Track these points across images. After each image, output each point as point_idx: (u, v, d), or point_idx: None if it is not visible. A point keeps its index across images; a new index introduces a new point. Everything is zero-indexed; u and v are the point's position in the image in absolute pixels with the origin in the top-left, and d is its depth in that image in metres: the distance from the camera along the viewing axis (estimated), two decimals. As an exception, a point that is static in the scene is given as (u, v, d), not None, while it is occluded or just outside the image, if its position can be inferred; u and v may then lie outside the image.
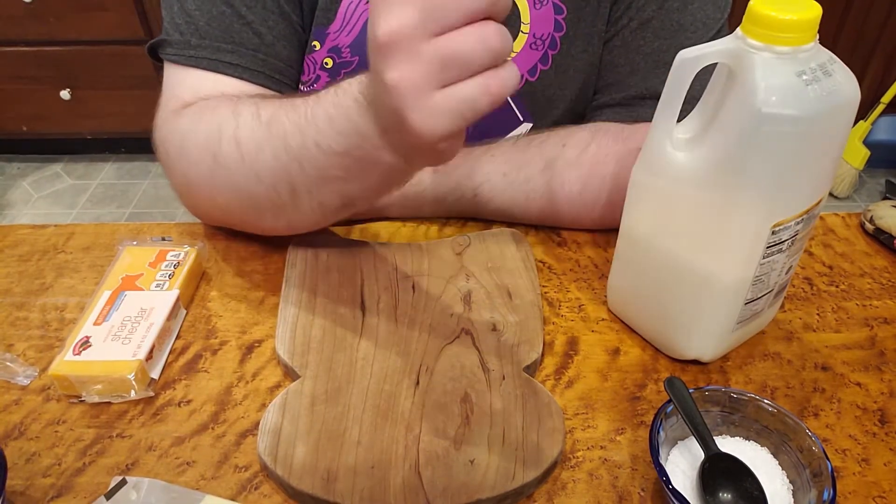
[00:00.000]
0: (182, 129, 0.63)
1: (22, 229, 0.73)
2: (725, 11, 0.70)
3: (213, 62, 0.66)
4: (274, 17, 0.67)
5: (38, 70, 2.06)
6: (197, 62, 0.66)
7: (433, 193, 0.71)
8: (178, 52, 0.66)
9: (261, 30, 0.67)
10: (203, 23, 0.66)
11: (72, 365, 0.55)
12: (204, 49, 0.66)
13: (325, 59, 0.72)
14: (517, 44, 0.72)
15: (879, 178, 2.27)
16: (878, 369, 0.60)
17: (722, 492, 0.47)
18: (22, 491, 0.49)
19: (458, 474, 0.49)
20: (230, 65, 0.66)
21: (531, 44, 0.72)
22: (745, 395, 0.51)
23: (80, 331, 0.57)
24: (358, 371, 0.56)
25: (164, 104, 0.67)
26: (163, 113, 0.66)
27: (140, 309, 0.60)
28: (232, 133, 0.58)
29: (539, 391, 0.54)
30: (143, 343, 0.56)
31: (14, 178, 2.29)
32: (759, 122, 0.46)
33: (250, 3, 0.66)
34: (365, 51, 0.64)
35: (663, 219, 0.55)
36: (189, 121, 0.63)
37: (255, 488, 0.50)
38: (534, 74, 0.73)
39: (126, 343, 0.56)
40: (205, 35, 0.66)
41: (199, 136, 0.61)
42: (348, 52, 0.71)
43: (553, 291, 0.66)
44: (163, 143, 0.65)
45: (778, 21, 0.45)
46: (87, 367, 0.55)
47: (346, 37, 0.71)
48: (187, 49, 0.66)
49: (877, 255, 0.72)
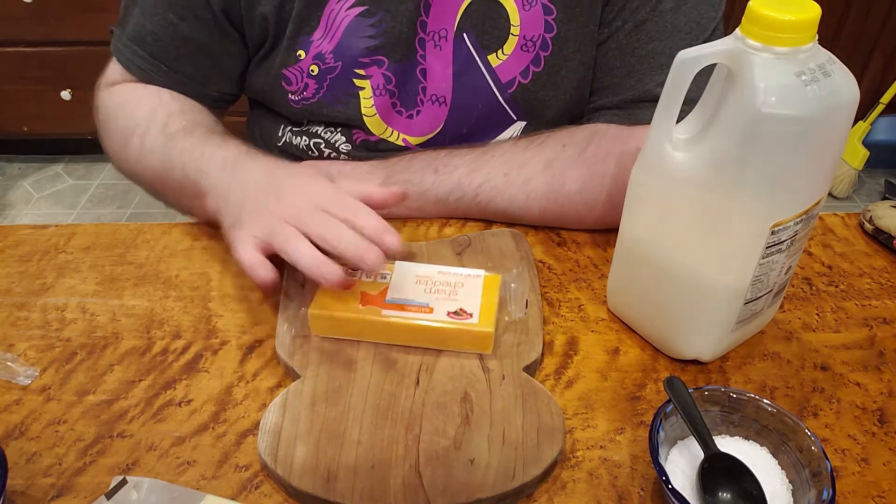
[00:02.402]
0: (108, 107, 0.76)
1: (23, 229, 0.73)
2: (720, 10, 0.70)
3: (146, 73, 0.74)
4: (216, 36, 0.73)
5: (38, 70, 2.06)
6: (132, 68, 0.74)
7: (435, 194, 0.71)
8: (120, 52, 0.74)
9: (208, 46, 0.73)
10: (150, 39, 0.72)
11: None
12: (142, 59, 0.73)
13: (311, 67, 0.72)
14: (508, 46, 0.72)
15: (879, 179, 2.27)
16: (878, 369, 0.60)
17: (721, 491, 0.47)
18: (23, 491, 0.49)
19: (458, 474, 0.49)
20: (162, 81, 0.74)
21: (522, 46, 0.72)
22: (745, 394, 0.51)
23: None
24: (358, 371, 0.56)
25: (105, 75, 0.78)
26: (101, 82, 0.78)
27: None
28: (142, 133, 0.70)
29: (539, 391, 0.54)
30: None
31: (15, 178, 2.29)
32: (759, 122, 0.46)
33: (194, 23, 0.71)
34: (347, 55, 0.72)
35: (663, 219, 0.55)
36: (115, 102, 0.75)
37: (255, 488, 0.50)
38: (526, 76, 0.73)
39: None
40: (148, 50, 0.73)
41: (119, 121, 0.73)
42: (332, 58, 0.72)
43: (553, 291, 0.66)
44: (96, 109, 0.77)
45: (777, 21, 0.45)
46: None
47: (328, 43, 0.71)
48: (128, 53, 0.74)
49: (876, 255, 0.72)
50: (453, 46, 0.72)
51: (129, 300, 0.65)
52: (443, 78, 0.73)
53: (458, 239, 0.69)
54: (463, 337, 0.57)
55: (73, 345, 0.60)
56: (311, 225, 0.55)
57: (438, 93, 0.74)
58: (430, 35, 0.71)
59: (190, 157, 0.66)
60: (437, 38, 0.71)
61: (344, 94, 0.73)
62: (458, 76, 0.73)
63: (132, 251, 0.70)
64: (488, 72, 0.73)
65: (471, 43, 0.71)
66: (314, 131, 0.78)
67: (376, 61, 0.72)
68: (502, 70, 0.73)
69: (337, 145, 0.77)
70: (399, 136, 0.76)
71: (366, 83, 0.73)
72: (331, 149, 0.78)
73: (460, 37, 0.71)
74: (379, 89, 0.73)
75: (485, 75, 0.73)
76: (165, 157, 0.68)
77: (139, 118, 0.71)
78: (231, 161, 0.64)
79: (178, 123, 0.69)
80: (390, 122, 0.75)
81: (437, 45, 0.71)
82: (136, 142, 0.71)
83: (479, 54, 0.72)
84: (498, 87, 0.74)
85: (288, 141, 0.80)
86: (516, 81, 0.73)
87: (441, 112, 0.75)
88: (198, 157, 0.65)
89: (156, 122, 0.70)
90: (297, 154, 0.80)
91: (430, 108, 0.75)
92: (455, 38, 0.71)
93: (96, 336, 0.61)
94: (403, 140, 0.76)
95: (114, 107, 0.75)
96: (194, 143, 0.67)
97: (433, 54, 0.72)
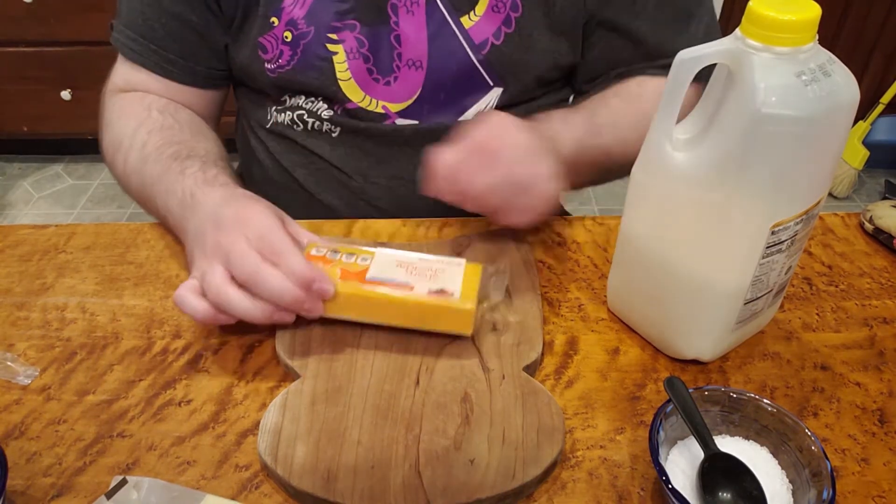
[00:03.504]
0: (108, 116, 0.77)
1: (23, 229, 0.73)
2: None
3: (139, 56, 0.76)
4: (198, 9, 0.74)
5: (38, 70, 2.06)
6: (129, 55, 0.77)
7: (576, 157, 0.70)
8: (116, 39, 0.77)
9: (191, 19, 0.75)
10: (140, 20, 0.75)
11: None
12: (134, 42, 0.76)
13: (285, 33, 0.73)
14: (479, 7, 0.73)
15: (879, 178, 2.27)
16: (878, 369, 0.60)
17: (721, 491, 0.47)
18: (23, 491, 0.49)
19: (458, 474, 0.49)
20: (157, 65, 0.77)
21: (493, 6, 0.73)
22: (745, 394, 0.51)
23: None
24: (358, 371, 0.56)
25: (110, 78, 0.80)
26: (107, 87, 0.80)
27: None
28: (125, 151, 0.72)
29: (539, 391, 0.54)
30: None
31: (15, 178, 2.29)
32: (759, 122, 0.46)
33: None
34: (318, 20, 0.73)
35: (663, 219, 0.55)
36: (112, 114, 0.77)
37: (255, 488, 0.50)
38: (498, 37, 0.74)
39: None
40: (139, 31, 0.75)
41: (111, 136, 0.75)
42: (304, 24, 0.73)
43: (553, 291, 0.66)
44: (101, 116, 0.79)
45: (777, 21, 0.45)
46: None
47: (299, 9, 0.72)
48: (123, 38, 0.76)
49: (876, 255, 0.72)
50: (426, 10, 0.73)
51: (129, 300, 0.65)
52: (417, 41, 0.74)
53: (458, 239, 0.70)
54: (442, 315, 0.56)
55: (73, 344, 0.60)
56: (237, 267, 0.54)
57: (414, 57, 0.75)
58: (401, 0, 0.72)
59: (159, 188, 0.67)
60: (408, 2, 0.72)
61: (317, 58, 0.74)
62: (432, 39, 0.74)
63: (132, 251, 0.70)
64: (462, 34, 0.74)
65: (443, 5, 0.73)
66: (296, 104, 0.79)
67: (348, 25, 0.73)
68: (475, 31, 0.74)
69: (319, 112, 0.78)
70: (378, 104, 0.77)
71: (339, 48, 0.74)
72: (314, 118, 0.79)
73: (433, 0, 0.72)
74: (353, 53, 0.74)
75: (458, 37, 0.74)
76: (142, 185, 0.70)
77: (125, 134, 0.73)
78: (188, 196, 0.63)
79: (153, 143, 0.70)
80: (368, 90, 0.76)
81: (409, 11, 0.73)
82: (120, 160, 0.73)
83: (452, 16, 0.73)
84: (472, 49, 0.75)
85: (275, 121, 0.81)
86: (489, 42, 0.74)
87: (418, 76, 0.76)
88: (164, 191, 0.66)
89: (137, 140, 0.71)
90: (285, 133, 0.81)
91: (407, 73, 0.76)
92: (427, 2, 0.73)
93: (96, 336, 0.61)
94: (383, 107, 0.77)
95: (111, 118, 0.77)
96: (160, 171, 0.67)
97: (406, 19, 0.73)
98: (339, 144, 0.79)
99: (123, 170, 0.73)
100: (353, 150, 0.79)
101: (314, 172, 0.81)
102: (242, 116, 0.88)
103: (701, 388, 0.51)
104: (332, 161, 0.80)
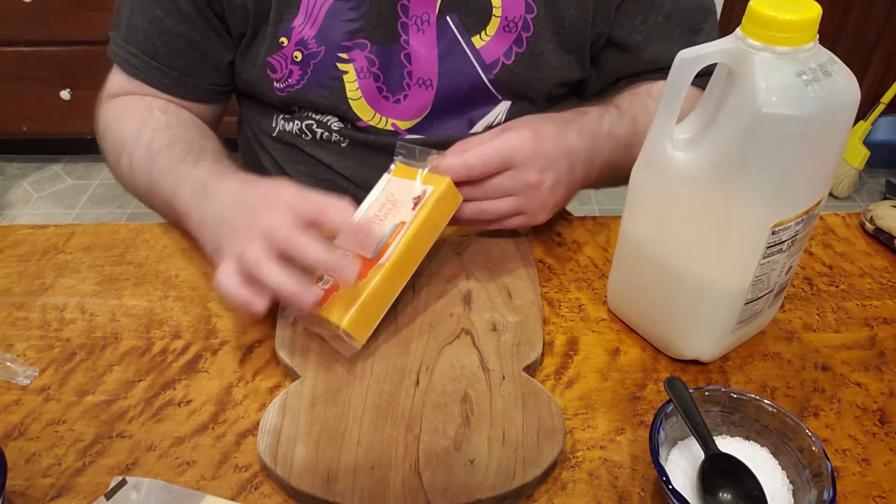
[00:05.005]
0: (104, 122, 0.76)
1: (22, 229, 0.73)
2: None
3: (140, 72, 0.75)
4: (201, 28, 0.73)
5: (38, 70, 2.06)
6: (130, 70, 0.75)
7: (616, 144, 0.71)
8: (115, 53, 0.76)
9: (195, 39, 0.74)
10: (142, 36, 0.73)
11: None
12: (135, 58, 0.74)
13: (295, 53, 0.73)
14: (491, 27, 0.73)
15: (879, 178, 2.27)
16: (878, 369, 0.60)
17: (722, 492, 0.47)
18: (22, 491, 0.49)
19: (458, 474, 0.49)
20: (158, 81, 0.75)
21: (504, 27, 0.73)
22: (745, 395, 0.51)
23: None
24: (358, 371, 0.56)
25: (105, 87, 0.79)
26: (102, 95, 0.79)
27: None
28: (130, 150, 0.71)
29: (539, 391, 0.54)
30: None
31: (14, 178, 2.29)
32: (759, 122, 0.46)
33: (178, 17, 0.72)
34: (329, 39, 0.73)
35: (663, 219, 0.55)
36: (110, 117, 0.76)
37: (255, 488, 0.50)
38: (510, 57, 0.74)
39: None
40: (140, 47, 0.74)
41: (112, 139, 0.74)
42: (314, 44, 0.72)
43: (553, 291, 0.66)
44: (96, 123, 0.78)
45: (778, 21, 0.45)
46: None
47: (310, 29, 0.72)
48: (123, 53, 0.75)
49: (877, 255, 0.72)
50: (436, 29, 0.73)
51: (128, 300, 0.65)
52: (428, 61, 0.74)
53: (458, 239, 0.69)
54: (438, 208, 0.60)
55: (72, 345, 0.60)
56: (281, 241, 0.53)
57: (424, 76, 0.74)
58: (412, 19, 0.72)
59: (167, 179, 0.67)
60: (419, 21, 0.72)
61: (327, 78, 0.74)
62: (442, 59, 0.74)
63: (132, 251, 0.70)
64: (472, 53, 0.74)
65: (454, 25, 0.72)
66: (305, 115, 0.79)
67: (358, 44, 0.72)
68: (486, 51, 0.74)
69: (329, 124, 0.78)
70: (388, 122, 0.77)
71: (349, 66, 0.73)
72: (323, 128, 0.78)
73: (443, 19, 0.72)
74: (363, 72, 0.74)
75: (469, 57, 0.74)
76: (150, 178, 0.69)
77: (128, 135, 0.72)
78: (201, 185, 0.63)
79: (161, 140, 0.70)
80: (378, 108, 0.76)
81: (420, 30, 0.72)
82: (125, 160, 0.72)
83: (463, 36, 0.73)
84: (483, 69, 0.74)
85: (281, 129, 0.81)
86: (500, 62, 0.74)
87: (428, 95, 0.76)
88: (172, 182, 0.66)
89: (142, 139, 0.70)
90: (292, 141, 0.80)
91: (417, 92, 0.75)
92: (438, 21, 0.72)
93: (96, 336, 0.61)
94: (392, 125, 0.77)
95: (109, 122, 0.76)
96: (171, 163, 0.67)
97: (416, 38, 0.73)
98: (348, 155, 0.79)
99: (129, 168, 0.72)
100: (361, 161, 0.79)
101: (321, 181, 0.81)
102: (246, 123, 0.87)
103: (701, 389, 0.51)
104: (341, 171, 0.80)
